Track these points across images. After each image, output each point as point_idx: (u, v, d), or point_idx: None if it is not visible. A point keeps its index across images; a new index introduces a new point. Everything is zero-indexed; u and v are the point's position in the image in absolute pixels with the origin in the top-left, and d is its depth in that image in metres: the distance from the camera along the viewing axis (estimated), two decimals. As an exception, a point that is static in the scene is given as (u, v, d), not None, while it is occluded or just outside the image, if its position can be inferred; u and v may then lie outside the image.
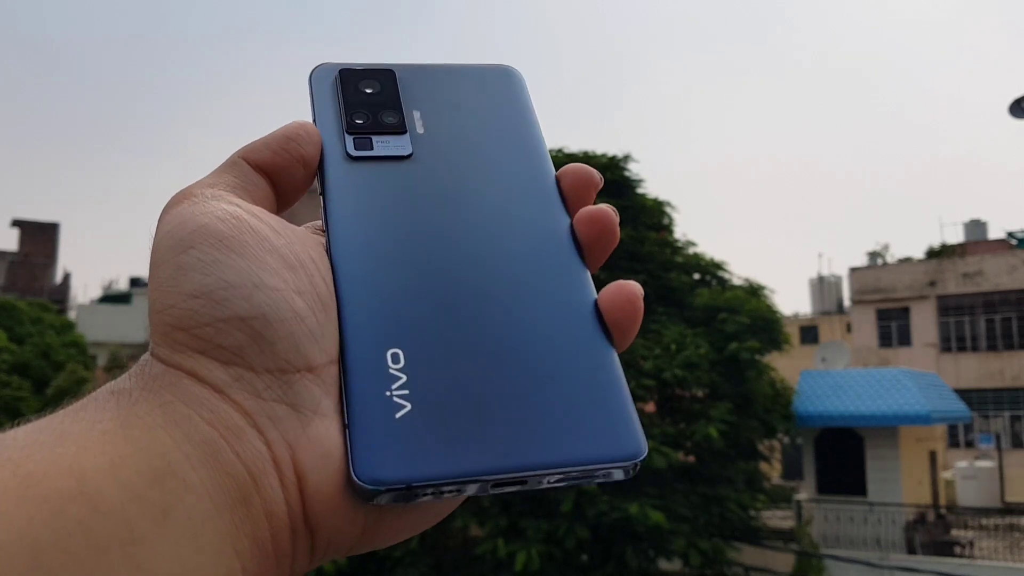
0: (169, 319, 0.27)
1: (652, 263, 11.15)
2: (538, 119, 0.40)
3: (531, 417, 0.29)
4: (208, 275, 0.27)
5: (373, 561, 9.18)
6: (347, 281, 0.31)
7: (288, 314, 0.28)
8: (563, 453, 0.28)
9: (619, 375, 0.31)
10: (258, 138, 0.34)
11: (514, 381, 0.30)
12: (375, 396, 0.28)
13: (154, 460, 0.23)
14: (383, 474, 0.27)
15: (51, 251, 30.21)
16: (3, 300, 17.72)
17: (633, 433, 0.29)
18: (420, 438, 0.28)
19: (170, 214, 0.29)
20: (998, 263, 22.27)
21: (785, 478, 19.31)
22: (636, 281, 0.33)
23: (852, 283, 24.33)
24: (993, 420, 21.80)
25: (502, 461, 0.28)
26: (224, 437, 0.25)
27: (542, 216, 0.35)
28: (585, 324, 0.32)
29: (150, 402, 0.25)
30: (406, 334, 0.30)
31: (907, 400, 12.25)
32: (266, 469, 0.26)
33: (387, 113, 0.37)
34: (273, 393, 0.27)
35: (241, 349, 0.27)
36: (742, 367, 10.30)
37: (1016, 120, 14.20)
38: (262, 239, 0.29)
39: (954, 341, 22.78)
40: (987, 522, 14.11)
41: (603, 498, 8.65)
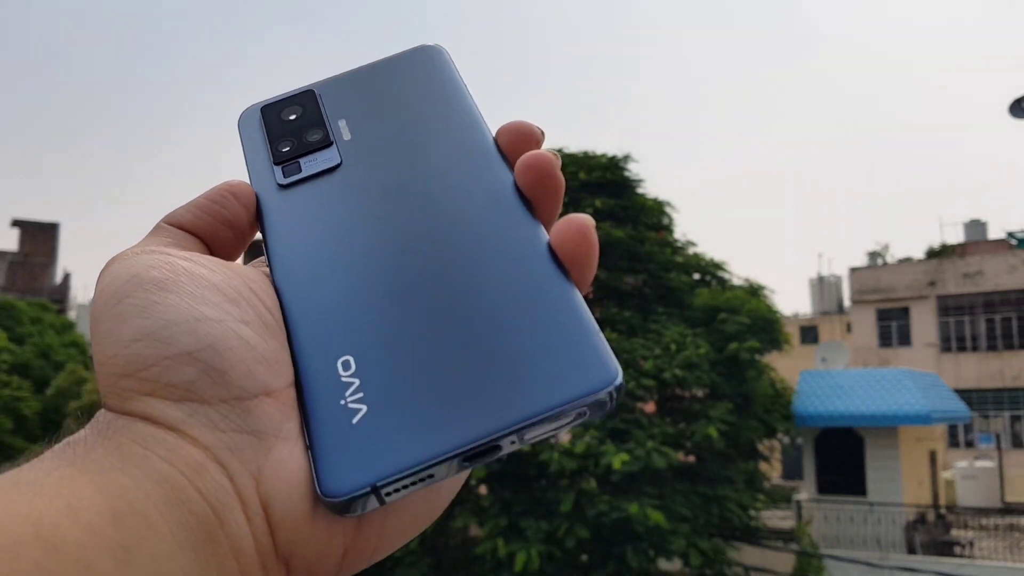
0: (114, 368, 0.26)
1: (652, 263, 11.15)
2: (467, 89, 0.39)
3: (490, 380, 0.28)
4: (146, 318, 0.27)
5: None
6: (292, 303, 0.31)
7: (236, 342, 0.27)
8: (529, 405, 0.27)
9: (583, 310, 0.29)
10: (184, 203, 0.33)
11: (471, 349, 0.29)
12: (330, 408, 0.28)
13: (113, 500, 0.23)
14: (345, 483, 0.26)
15: (51, 251, 30.21)
16: (3, 300, 17.72)
17: (603, 361, 0.28)
18: (379, 436, 0.27)
19: (103, 275, 0.29)
20: (998, 263, 22.27)
21: (785, 478, 19.31)
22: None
23: (852, 283, 24.33)
24: (993, 420, 21.80)
25: (466, 433, 0.27)
26: (184, 474, 0.24)
27: (482, 180, 0.34)
28: (540, 269, 0.31)
29: (105, 447, 0.25)
30: (354, 339, 0.30)
31: (907, 400, 12.25)
32: (229, 503, 0.25)
33: (311, 132, 0.37)
34: (231, 423, 0.26)
35: (191, 384, 0.26)
36: (742, 367, 10.30)
37: (1016, 120, 14.20)
38: (197, 277, 0.28)
39: (954, 341, 22.78)
40: (987, 522, 14.11)
41: (603, 498, 8.65)
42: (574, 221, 0.31)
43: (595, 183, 11.13)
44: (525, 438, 0.27)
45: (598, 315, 10.87)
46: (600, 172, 11.18)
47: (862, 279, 24.12)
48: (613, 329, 10.29)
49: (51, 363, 16.12)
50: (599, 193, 11.11)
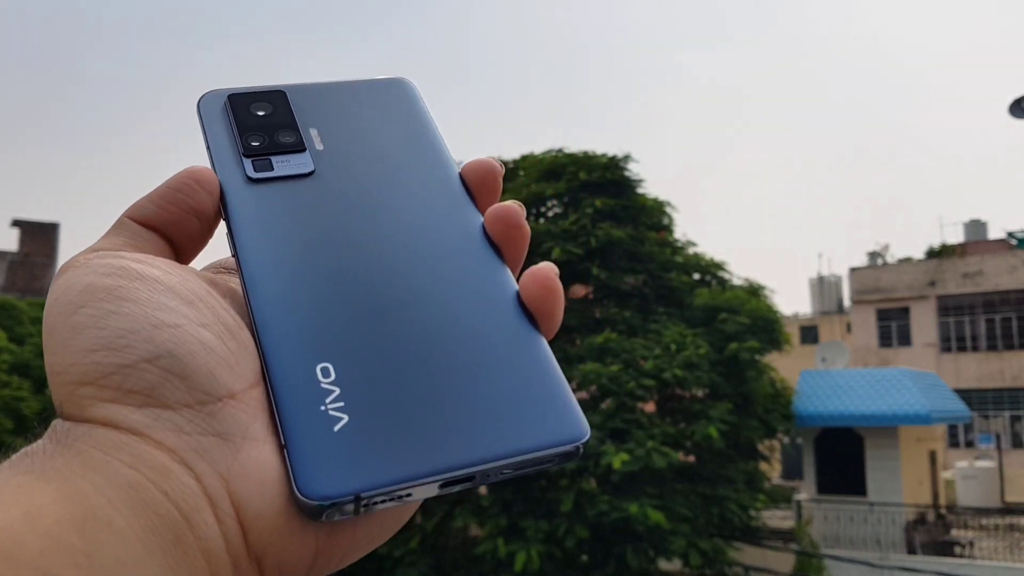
0: (71, 378, 0.26)
1: (652, 263, 11.15)
2: (436, 124, 0.39)
3: (472, 413, 0.29)
4: (103, 328, 0.26)
5: (373, 561, 9.17)
6: (263, 303, 0.30)
7: (196, 347, 0.27)
8: (508, 444, 0.28)
9: (552, 362, 0.31)
10: (148, 193, 0.32)
11: (449, 379, 0.29)
12: (310, 412, 0.28)
13: (74, 507, 0.22)
14: (329, 488, 0.26)
15: (51, 251, 30.21)
16: (3, 300, 17.72)
17: (574, 416, 0.29)
18: (362, 447, 0.27)
19: (56, 284, 0.28)
20: (998, 263, 22.27)
21: (785, 478, 19.31)
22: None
23: (852, 283, 24.34)
24: (993, 420, 21.81)
25: (449, 460, 0.27)
26: (149, 478, 0.24)
27: (453, 218, 0.35)
28: (510, 316, 0.32)
29: (65, 455, 0.24)
30: (333, 347, 0.29)
31: (907, 400, 12.25)
32: (198, 505, 0.25)
33: (283, 133, 0.36)
34: (196, 426, 0.26)
35: (153, 389, 0.26)
36: (742, 367, 10.30)
37: (1016, 120, 14.20)
38: (152, 281, 0.28)
39: (954, 341, 22.78)
40: (987, 522, 14.11)
41: (603, 498, 8.65)
42: (537, 274, 0.32)
43: (595, 183, 11.13)
44: (500, 473, 0.28)
45: (598, 315, 10.88)
46: (600, 172, 11.18)
47: (862, 279, 24.12)
48: (613, 329, 10.29)
49: (51, 363, 16.08)
50: (599, 193, 11.11)
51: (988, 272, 22.25)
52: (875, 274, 24.18)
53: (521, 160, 12.00)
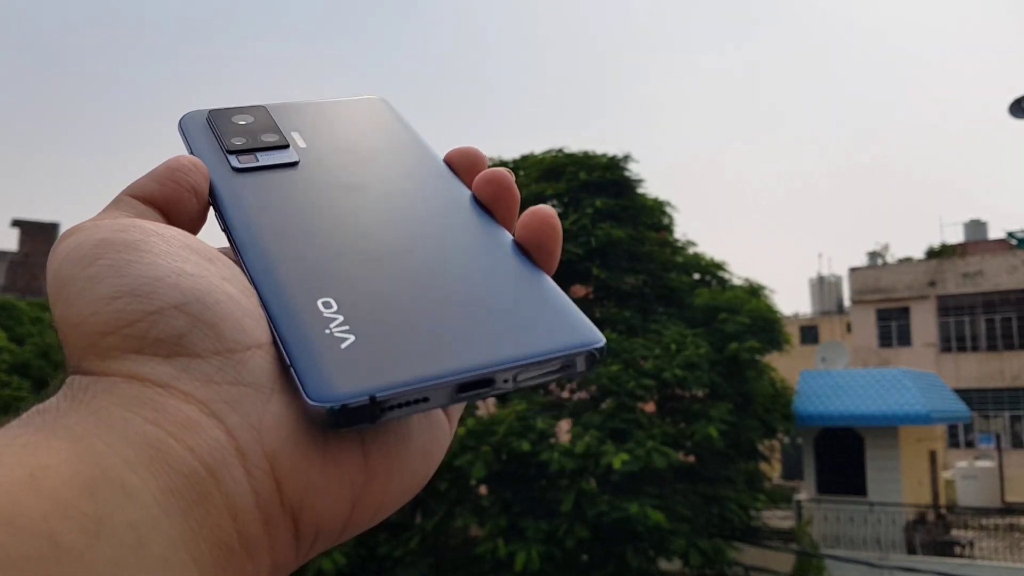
0: (91, 328, 0.24)
1: (652, 263, 11.15)
2: (416, 131, 0.40)
3: (485, 322, 0.28)
4: (125, 275, 0.25)
5: (373, 561, 9.18)
6: (258, 259, 0.30)
7: (222, 296, 0.26)
8: (525, 348, 0.28)
9: (557, 287, 0.31)
10: (144, 174, 0.32)
11: (458, 298, 0.29)
12: (315, 333, 0.27)
13: (84, 468, 0.20)
14: (342, 390, 0.25)
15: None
16: (3, 300, 17.72)
17: (587, 326, 0.29)
18: (373, 356, 0.26)
19: (61, 245, 0.27)
20: (998, 263, 22.27)
21: (785, 478, 19.30)
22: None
23: (852, 283, 24.33)
24: (993, 420, 21.80)
25: (465, 361, 0.27)
26: (172, 434, 0.23)
27: (443, 189, 0.35)
28: (510, 254, 0.32)
29: (80, 412, 0.23)
30: (332, 284, 0.29)
31: (907, 400, 12.25)
32: (226, 460, 0.23)
33: (266, 134, 0.37)
34: (227, 375, 0.25)
35: (182, 337, 0.24)
36: (742, 367, 10.30)
37: (1016, 120, 14.20)
38: (171, 238, 0.27)
39: (954, 341, 22.78)
40: (987, 522, 14.11)
41: (603, 498, 8.65)
42: (537, 210, 0.32)
43: (595, 183, 11.13)
44: (518, 379, 0.27)
45: (598, 315, 10.87)
46: (600, 172, 11.18)
47: (862, 279, 24.12)
48: (613, 329, 10.29)
49: (51, 363, 16.11)
50: (599, 193, 11.11)
51: (988, 272, 22.25)
52: (875, 274, 24.17)
53: (521, 160, 12.00)
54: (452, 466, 8.81)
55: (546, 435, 8.93)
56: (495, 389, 0.27)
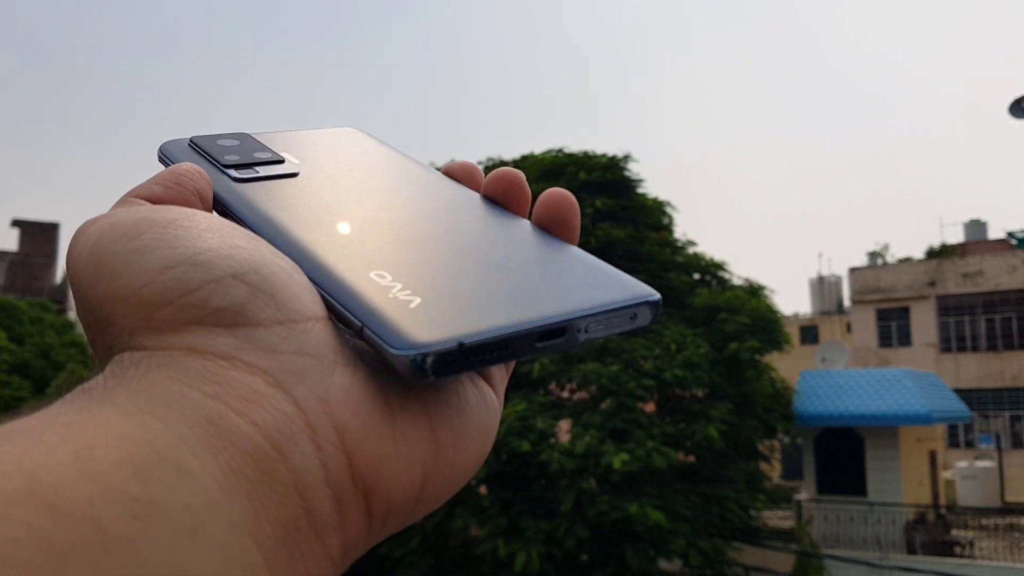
0: (145, 299, 0.23)
1: (652, 263, 11.14)
2: (404, 153, 0.40)
3: (550, 279, 0.29)
4: (176, 247, 0.24)
5: (373, 561, 9.18)
6: (293, 250, 0.29)
7: (277, 268, 0.25)
8: (595, 299, 0.28)
9: (589, 256, 0.32)
10: (146, 180, 0.30)
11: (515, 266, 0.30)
12: (379, 297, 0.26)
13: (135, 449, 0.19)
14: (427, 337, 0.24)
15: (51, 251, 30.21)
16: (3, 300, 17.71)
17: (641, 283, 0.30)
18: (450, 310, 0.26)
19: (88, 230, 0.26)
20: (998, 263, 22.27)
21: (785, 478, 19.30)
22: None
23: (852, 283, 24.33)
24: (993, 420, 21.80)
25: (543, 311, 0.27)
26: (235, 409, 0.21)
27: (454, 190, 0.35)
28: (540, 234, 0.32)
29: (131, 388, 0.21)
30: (381, 259, 0.28)
31: (907, 400, 12.25)
32: (294, 434, 0.22)
33: (257, 152, 0.36)
34: (292, 344, 0.23)
35: (243, 306, 0.23)
36: (742, 367, 10.30)
37: (1016, 120, 14.20)
38: (212, 217, 0.27)
39: (954, 341, 22.78)
40: (987, 522, 14.10)
41: (603, 498, 8.65)
42: (554, 191, 0.32)
43: (595, 183, 11.13)
44: (590, 329, 0.28)
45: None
46: (600, 172, 11.18)
47: (862, 279, 24.12)
48: (613, 329, 10.27)
49: (51, 363, 16.12)
50: (599, 193, 11.11)
51: (988, 272, 22.24)
52: (875, 274, 24.17)
53: (521, 160, 12.00)
54: (452, 466, 8.81)
55: (546, 435, 8.93)
56: (569, 339, 0.27)
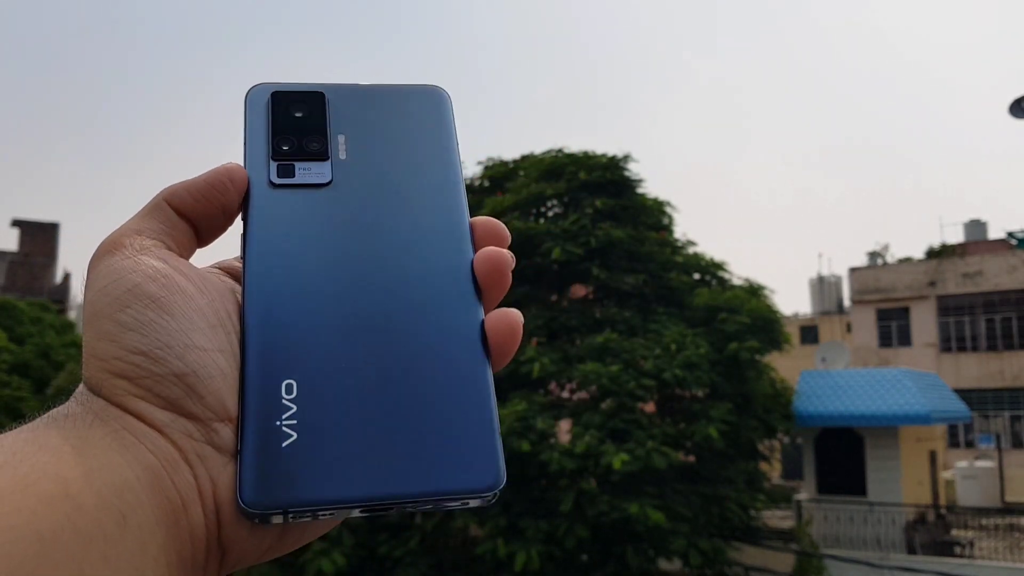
0: (111, 368, 0.31)
1: (652, 263, 11.14)
2: (458, 141, 0.42)
3: (401, 449, 0.33)
4: (146, 335, 0.31)
5: (373, 561, 9.18)
6: (253, 312, 0.34)
7: (215, 372, 0.32)
8: (427, 484, 0.32)
9: (491, 408, 0.34)
10: (183, 181, 0.37)
11: (391, 414, 0.33)
12: (266, 427, 0.32)
13: (114, 475, 0.28)
14: (264, 500, 0.31)
15: (51, 251, 30.20)
16: (3, 300, 17.70)
17: (494, 465, 0.33)
18: (300, 467, 0.32)
19: (103, 266, 0.33)
20: (998, 263, 22.26)
21: (785, 478, 19.30)
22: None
23: (852, 283, 24.32)
24: (993, 420, 21.80)
25: (373, 490, 0.32)
26: (164, 467, 0.30)
27: (446, 250, 0.38)
28: (468, 354, 0.35)
29: (103, 429, 0.30)
30: (301, 365, 0.34)
31: (907, 400, 12.24)
32: (193, 498, 0.30)
33: (312, 139, 0.40)
34: (201, 436, 0.31)
35: (176, 399, 0.31)
36: (742, 367, 10.30)
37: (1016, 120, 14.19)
38: (188, 299, 0.33)
39: (954, 341, 22.78)
40: (987, 522, 14.11)
41: (603, 498, 8.65)
42: (509, 316, 0.37)
43: (595, 183, 11.12)
44: (414, 507, 0.32)
45: (598, 315, 10.87)
46: (600, 172, 11.17)
47: (862, 279, 24.11)
48: (613, 329, 10.29)
49: (51, 363, 16.11)
50: (599, 193, 11.11)
51: (988, 272, 22.24)
52: (875, 274, 24.16)
53: (521, 160, 11.99)
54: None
55: (546, 435, 8.93)
56: (393, 512, 0.33)
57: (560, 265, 10.74)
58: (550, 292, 11.19)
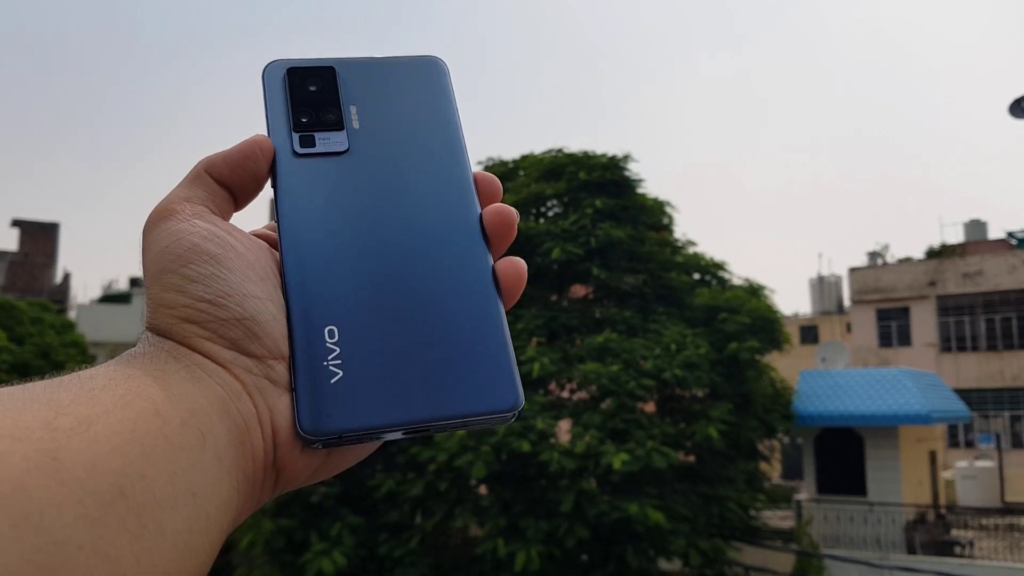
0: (182, 315, 0.36)
1: (652, 263, 11.14)
2: (457, 107, 0.46)
3: (433, 380, 0.38)
4: (209, 286, 0.36)
5: (373, 561, 9.17)
6: (293, 271, 0.39)
7: (269, 317, 0.37)
8: (456, 407, 0.37)
9: (506, 338, 0.39)
10: (219, 152, 0.41)
11: (422, 350, 0.38)
12: (315, 366, 0.37)
13: (191, 402, 0.33)
14: (321, 427, 0.36)
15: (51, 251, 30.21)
16: (3, 300, 17.71)
17: (513, 389, 0.38)
18: (348, 399, 0.37)
19: (161, 229, 0.38)
20: (998, 263, 22.26)
21: (785, 478, 19.31)
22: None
23: (852, 283, 24.32)
24: (993, 420, 21.80)
25: (411, 415, 0.37)
26: (229, 397, 0.35)
27: (457, 205, 0.42)
28: (483, 295, 0.40)
29: (176, 364, 0.35)
30: (340, 313, 0.38)
31: (907, 400, 12.24)
32: (254, 424, 0.35)
33: (327, 110, 0.44)
34: (260, 371, 0.37)
35: (238, 340, 0.36)
36: (742, 367, 10.30)
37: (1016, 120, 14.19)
38: (240, 256, 0.38)
39: (954, 341, 22.78)
40: (987, 522, 14.11)
41: (603, 498, 8.65)
42: (516, 263, 0.42)
43: (595, 183, 11.12)
44: (447, 428, 0.38)
45: (598, 315, 10.87)
46: (600, 172, 11.17)
47: (862, 279, 24.11)
48: (613, 329, 10.28)
49: (51, 363, 16.11)
50: (599, 193, 11.11)
51: (988, 272, 22.24)
52: (875, 274, 24.16)
53: (521, 160, 11.99)
54: (452, 466, 8.81)
55: (546, 435, 8.93)
56: (429, 433, 0.38)
57: (560, 265, 10.74)
58: (550, 292, 11.19)
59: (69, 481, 0.27)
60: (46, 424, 0.28)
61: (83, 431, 0.28)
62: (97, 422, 0.29)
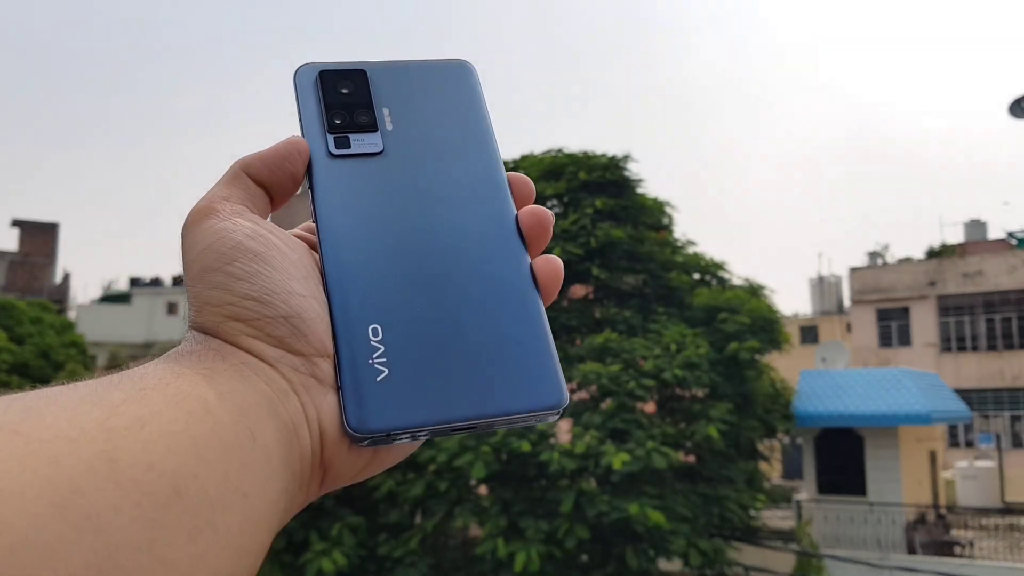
0: (228, 313, 0.36)
1: (652, 263, 11.14)
2: (488, 110, 0.46)
3: (478, 378, 0.37)
4: (254, 284, 0.36)
5: (373, 561, 9.17)
6: (334, 270, 0.39)
7: (314, 314, 0.37)
8: (502, 405, 0.37)
9: (548, 338, 0.39)
10: (256, 152, 0.41)
11: (466, 347, 0.38)
12: (361, 365, 0.37)
13: (240, 400, 0.33)
14: (368, 425, 0.36)
15: (51, 251, 30.23)
16: (3, 300, 17.71)
17: (558, 387, 0.38)
18: (395, 397, 0.36)
19: (203, 227, 0.38)
20: (998, 263, 22.27)
21: (785, 478, 19.31)
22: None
23: (852, 283, 24.33)
24: (993, 420, 21.80)
25: (458, 412, 0.37)
26: (276, 395, 0.34)
27: (492, 205, 0.42)
28: (523, 295, 0.40)
29: (224, 363, 0.34)
30: (383, 311, 0.38)
31: (907, 400, 12.25)
32: (301, 422, 0.35)
33: (361, 112, 0.44)
34: (306, 369, 0.36)
35: (284, 338, 0.36)
36: (742, 367, 10.30)
37: (1016, 120, 14.19)
38: (283, 254, 0.38)
39: (954, 341, 22.78)
40: (987, 522, 14.11)
41: (603, 498, 8.65)
42: (552, 262, 0.42)
43: (595, 183, 11.13)
44: (494, 426, 0.37)
45: (598, 315, 10.87)
46: (600, 172, 11.17)
47: (862, 279, 24.12)
48: (613, 329, 10.28)
49: (51, 363, 16.12)
50: (599, 193, 11.11)
51: (988, 272, 22.24)
52: (875, 274, 24.17)
53: (521, 160, 11.99)
54: (452, 466, 8.81)
55: (546, 435, 8.93)
56: (476, 431, 0.38)
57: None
58: (550, 292, 11.18)
59: (125, 482, 0.26)
60: (100, 425, 0.28)
61: (137, 431, 0.28)
62: (150, 422, 0.29)
